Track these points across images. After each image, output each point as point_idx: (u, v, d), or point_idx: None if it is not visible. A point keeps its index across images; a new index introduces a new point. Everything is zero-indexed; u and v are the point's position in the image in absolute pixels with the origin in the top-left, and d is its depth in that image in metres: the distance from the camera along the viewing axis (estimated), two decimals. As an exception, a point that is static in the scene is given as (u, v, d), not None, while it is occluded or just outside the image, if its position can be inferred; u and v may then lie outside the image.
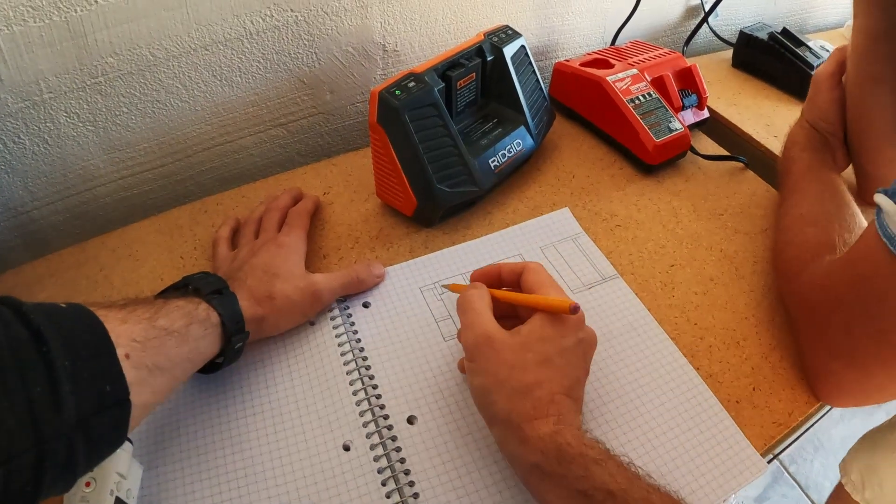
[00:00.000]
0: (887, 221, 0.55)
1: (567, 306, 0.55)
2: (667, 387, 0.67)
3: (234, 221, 0.80)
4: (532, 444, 0.51)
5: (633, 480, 0.48)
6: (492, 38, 0.86)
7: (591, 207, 0.89)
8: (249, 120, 0.92)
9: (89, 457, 0.44)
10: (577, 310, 0.55)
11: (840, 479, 1.00)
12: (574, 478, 0.48)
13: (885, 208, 0.56)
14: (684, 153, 0.97)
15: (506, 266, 0.64)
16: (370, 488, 0.58)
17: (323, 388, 0.65)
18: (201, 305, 0.57)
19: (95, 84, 0.76)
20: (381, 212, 0.86)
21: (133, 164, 0.86)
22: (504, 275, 0.64)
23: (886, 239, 0.55)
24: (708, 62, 1.30)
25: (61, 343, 0.42)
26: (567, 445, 0.50)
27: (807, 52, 1.18)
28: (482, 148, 0.83)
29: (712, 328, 0.74)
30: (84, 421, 0.42)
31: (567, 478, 0.49)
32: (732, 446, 0.63)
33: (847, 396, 0.66)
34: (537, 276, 0.61)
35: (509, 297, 0.62)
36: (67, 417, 0.40)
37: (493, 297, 0.62)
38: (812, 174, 0.81)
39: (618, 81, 0.95)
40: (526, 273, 0.61)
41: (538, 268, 0.62)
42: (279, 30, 0.85)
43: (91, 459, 0.45)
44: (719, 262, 0.82)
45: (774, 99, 1.19)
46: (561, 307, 0.56)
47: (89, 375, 0.43)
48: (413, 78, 0.76)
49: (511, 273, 0.63)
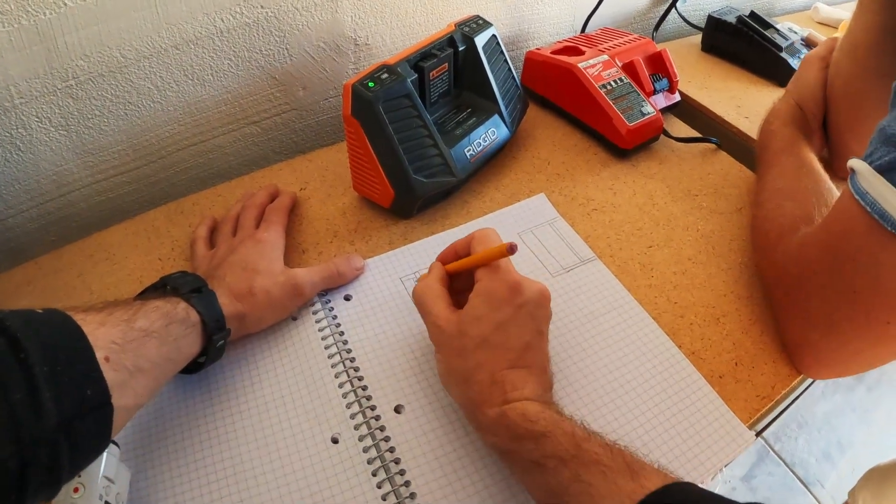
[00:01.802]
0: (859, 180, 0.57)
1: (503, 249, 0.56)
2: (650, 364, 0.68)
3: (212, 221, 0.79)
4: (485, 428, 0.54)
5: (581, 445, 0.49)
6: (463, 28, 0.86)
7: (567, 193, 0.90)
8: (223, 119, 0.92)
9: (73, 461, 0.43)
10: (515, 249, 0.56)
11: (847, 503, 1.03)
12: (526, 451, 0.51)
13: (857, 169, 0.58)
14: (657, 136, 0.98)
15: (458, 241, 0.64)
16: (360, 479, 0.58)
17: (308, 383, 0.65)
18: (180, 305, 0.57)
19: (66, 88, 0.75)
20: (358, 205, 0.86)
21: (107, 168, 0.85)
22: (459, 250, 0.64)
23: (859, 196, 0.57)
24: (678, 47, 1.31)
25: (39, 349, 0.41)
26: (514, 425, 0.51)
27: (775, 35, 1.20)
28: (457, 137, 0.83)
29: (692, 306, 0.75)
30: (66, 425, 0.41)
31: (520, 452, 0.51)
32: (718, 419, 0.64)
33: (826, 367, 0.67)
34: (482, 238, 0.61)
35: (455, 266, 0.63)
36: (49, 422, 0.40)
37: (449, 272, 0.63)
38: (790, 149, 0.82)
39: (589, 68, 0.96)
40: (473, 242, 0.61)
41: (483, 232, 0.62)
42: (250, 27, 0.84)
43: (75, 464, 0.44)
44: (696, 241, 0.83)
45: (744, 81, 1.20)
46: (498, 253, 0.57)
47: (69, 380, 0.42)
48: (386, 70, 0.76)
49: (464, 246, 0.63)
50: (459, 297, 0.61)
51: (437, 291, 0.61)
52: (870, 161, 0.56)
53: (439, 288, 0.61)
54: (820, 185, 0.76)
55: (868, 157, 0.57)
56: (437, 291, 0.61)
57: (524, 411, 0.52)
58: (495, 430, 0.53)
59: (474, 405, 0.55)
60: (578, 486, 0.47)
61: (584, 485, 0.47)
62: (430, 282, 0.62)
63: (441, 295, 0.61)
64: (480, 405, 0.54)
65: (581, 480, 0.47)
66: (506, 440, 0.52)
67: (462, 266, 0.61)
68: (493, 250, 0.58)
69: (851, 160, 0.59)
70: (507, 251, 0.56)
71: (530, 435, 0.50)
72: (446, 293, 0.61)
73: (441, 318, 0.58)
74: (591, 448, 0.49)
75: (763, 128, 0.90)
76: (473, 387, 0.55)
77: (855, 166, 0.58)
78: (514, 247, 0.56)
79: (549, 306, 0.60)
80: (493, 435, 0.53)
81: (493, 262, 0.58)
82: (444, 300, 0.60)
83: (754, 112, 0.94)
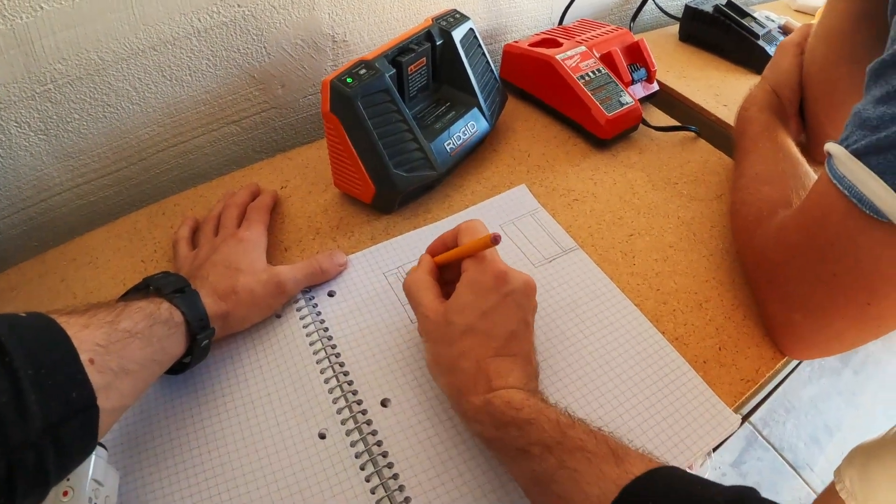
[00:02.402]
0: (835, 164, 0.58)
1: (487, 240, 0.57)
2: (634, 351, 0.69)
3: (193, 221, 0.79)
4: (470, 416, 0.55)
5: (565, 432, 0.49)
6: (440, 22, 0.87)
7: (547, 184, 0.90)
8: (202, 119, 0.92)
9: (60, 464, 0.43)
10: (499, 239, 0.56)
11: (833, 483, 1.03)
12: (511, 438, 0.51)
13: (834, 153, 0.58)
14: (636, 126, 0.98)
15: (446, 234, 0.65)
16: (349, 473, 0.58)
17: (294, 379, 0.65)
18: (163, 305, 0.57)
19: (45, 92, 0.75)
20: (340, 201, 0.86)
21: (87, 171, 0.85)
22: (447, 242, 0.64)
23: (836, 180, 0.58)
24: (655, 37, 1.32)
25: (23, 352, 0.41)
26: (499, 413, 0.52)
27: (752, 23, 1.21)
28: (437, 131, 0.83)
29: (675, 292, 0.76)
30: (52, 428, 0.41)
31: (505, 440, 0.52)
32: (703, 404, 0.64)
33: (809, 347, 0.68)
34: (469, 230, 0.62)
35: (443, 258, 0.63)
36: (35, 426, 0.40)
37: (437, 263, 0.64)
38: (767, 134, 0.83)
39: (567, 59, 0.96)
40: (460, 234, 0.62)
41: (470, 224, 0.62)
42: (227, 26, 0.84)
43: (62, 467, 0.44)
44: (677, 228, 0.84)
45: (722, 69, 1.21)
46: (482, 244, 0.58)
47: (54, 383, 0.42)
48: (364, 65, 0.76)
49: (452, 238, 0.63)
50: (448, 287, 0.61)
51: (426, 282, 0.62)
52: (846, 145, 0.57)
53: (428, 279, 0.62)
54: (797, 168, 0.77)
55: (844, 141, 0.57)
56: (426, 282, 0.61)
57: (509, 399, 0.52)
58: (480, 418, 0.53)
59: (460, 393, 0.55)
60: (564, 472, 0.47)
61: (570, 471, 0.47)
62: (420, 274, 0.62)
63: (430, 286, 0.61)
64: (465, 393, 0.55)
65: (566, 467, 0.47)
66: (490, 428, 0.53)
67: (449, 257, 0.62)
68: (477, 241, 0.58)
69: (828, 144, 0.59)
70: (490, 242, 0.57)
71: (515, 422, 0.51)
72: (435, 284, 0.62)
73: (429, 309, 0.59)
74: (576, 435, 0.49)
75: (740, 114, 0.91)
76: (459, 375, 0.55)
77: (831, 150, 0.59)
78: (498, 237, 0.56)
79: (534, 297, 0.61)
80: (478, 423, 0.54)
81: (479, 253, 0.59)
82: (432, 291, 0.61)
83: (732, 100, 0.95)
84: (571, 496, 0.46)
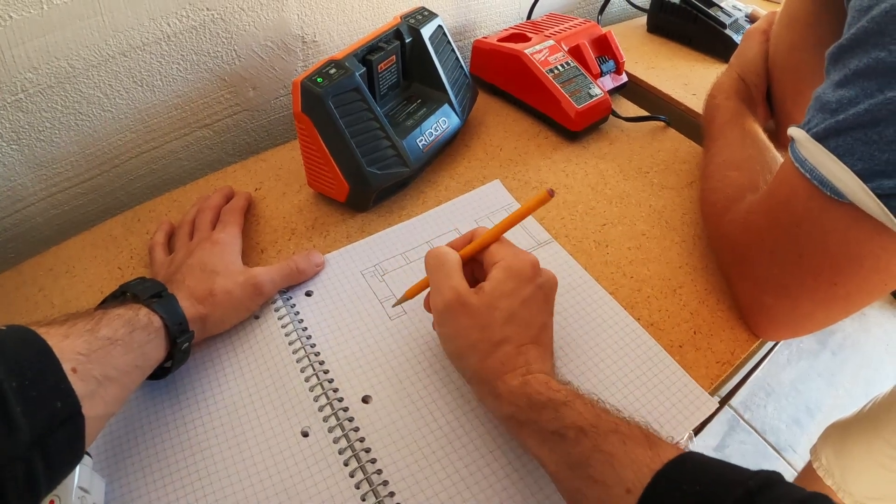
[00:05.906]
0: (798, 147, 0.59)
1: (545, 194, 0.58)
2: (611, 339, 0.70)
3: (168, 226, 0.79)
4: (505, 398, 0.54)
5: (600, 415, 0.50)
6: (409, 20, 0.87)
7: (520, 178, 0.91)
8: (174, 124, 0.91)
9: (50, 475, 0.44)
10: (553, 193, 0.58)
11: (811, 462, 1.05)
12: (546, 420, 0.51)
13: (796, 137, 0.59)
14: (606, 117, 0.99)
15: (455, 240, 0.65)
16: (333, 470, 0.58)
17: (275, 379, 0.65)
18: (142, 311, 0.57)
19: (16, 101, 0.74)
20: (314, 201, 0.87)
21: (61, 180, 0.85)
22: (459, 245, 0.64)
23: (798, 163, 0.59)
24: (623, 29, 1.33)
25: (5, 365, 0.41)
26: (536, 394, 0.52)
27: (718, 12, 1.22)
28: (409, 128, 0.83)
29: (648, 279, 0.77)
30: (40, 440, 0.41)
31: (539, 422, 0.52)
32: (681, 388, 0.66)
33: (781, 328, 0.69)
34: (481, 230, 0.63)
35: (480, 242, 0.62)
36: (22, 439, 0.40)
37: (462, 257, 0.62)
38: (735, 121, 0.84)
39: (536, 53, 0.97)
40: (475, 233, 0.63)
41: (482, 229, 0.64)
42: (197, 30, 0.84)
43: (52, 478, 0.45)
44: (649, 216, 0.85)
45: (691, 59, 1.23)
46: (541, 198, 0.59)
47: (38, 394, 0.42)
48: (333, 65, 0.76)
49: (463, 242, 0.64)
50: None
51: (458, 262, 0.60)
52: (807, 129, 0.58)
53: (459, 258, 0.61)
54: (764, 153, 0.78)
55: (806, 125, 0.58)
56: (458, 262, 0.60)
57: (547, 381, 0.53)
58: (516, 400, 0.53)
59: (498, 374, 0.55)
60: (599, 455, 0.48)
61: (605, 454, 0.47)
62: (451, 252, 0.61)
63: (461, 266, 0.60)
64: (502, 374, 0.55)
65: (601, 450, 0.48)
66: (526, 409, 0.53)
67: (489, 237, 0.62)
68: (536, 199, 0.59)
69: (791, 128, 0.61)
70: (548, 195, 0.58)
71: (552, 403, 0.51)
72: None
73: (463, 291, 0.57)
74: (610, 419, 0.50)
75: (708, 102, 0.92)
76: (499, 357, 0.55)
77: (794, 134, 0.60)
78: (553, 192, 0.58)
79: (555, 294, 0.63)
80: (513, 405, 0.53)
81: (507, 241, 0.61)
82: (461, 272, 0.60)
83: (701, 89, 0.96)
84: (606, 479, 0.47)
